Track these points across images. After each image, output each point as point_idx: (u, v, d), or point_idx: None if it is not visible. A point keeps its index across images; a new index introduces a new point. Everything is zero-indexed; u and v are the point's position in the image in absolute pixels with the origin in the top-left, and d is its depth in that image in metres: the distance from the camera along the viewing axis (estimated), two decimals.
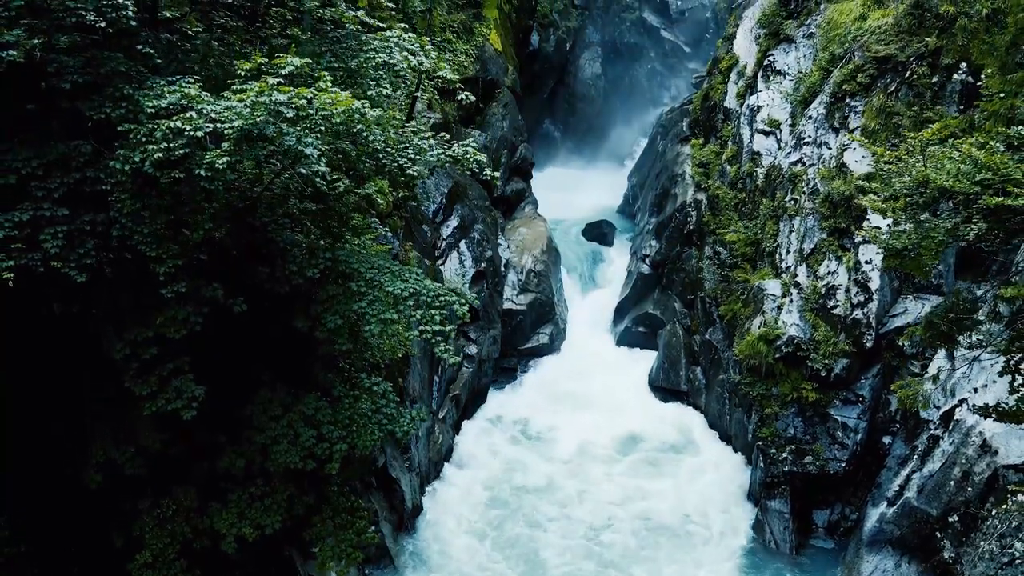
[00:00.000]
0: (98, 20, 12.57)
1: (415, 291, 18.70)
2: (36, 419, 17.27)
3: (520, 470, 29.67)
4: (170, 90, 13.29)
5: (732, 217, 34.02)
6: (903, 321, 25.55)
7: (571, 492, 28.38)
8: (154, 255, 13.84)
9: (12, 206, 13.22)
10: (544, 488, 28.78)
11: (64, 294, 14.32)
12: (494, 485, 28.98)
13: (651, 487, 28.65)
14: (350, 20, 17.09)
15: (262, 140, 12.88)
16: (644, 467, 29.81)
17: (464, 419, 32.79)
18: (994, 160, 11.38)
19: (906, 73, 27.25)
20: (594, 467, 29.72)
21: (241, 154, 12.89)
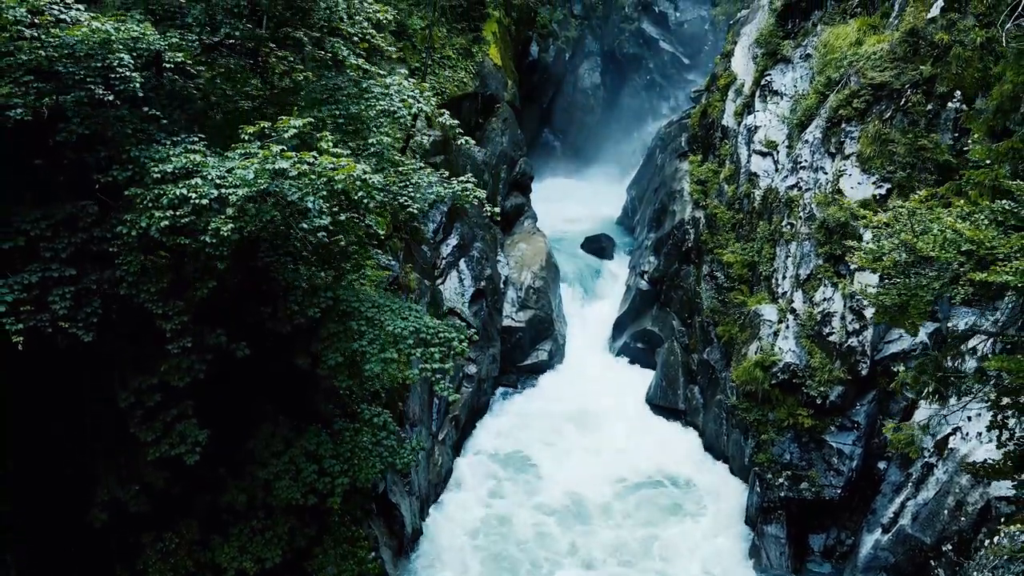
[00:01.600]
0: (106, 94, 12.82)
1: (415, 329, 18.95)
2: (41, 459, 17.53)
3: (516, 501, 29.72)
4: (175, 153, 13.56)
5: (729, 238, 34.31)
6: (898, 348, 25.79)
7: (564, 541, 28.21)
8: (160, 312, 14.12)
9: (22, 267, 13.49)
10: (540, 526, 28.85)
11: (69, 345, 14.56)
12: (493, 508, 29.19)
13: (649, 535, 28.50)
14: (351, 67, 17.32)
15: (266, 197, 13.13)
16: (641, 511, 29.52)
17: (464, 439, 33.06)
18: (978, 236, 11.65)
19: (901, 100, 27.46)
20: (591, 509, 29.47)
21: (245, 220, 13.13)
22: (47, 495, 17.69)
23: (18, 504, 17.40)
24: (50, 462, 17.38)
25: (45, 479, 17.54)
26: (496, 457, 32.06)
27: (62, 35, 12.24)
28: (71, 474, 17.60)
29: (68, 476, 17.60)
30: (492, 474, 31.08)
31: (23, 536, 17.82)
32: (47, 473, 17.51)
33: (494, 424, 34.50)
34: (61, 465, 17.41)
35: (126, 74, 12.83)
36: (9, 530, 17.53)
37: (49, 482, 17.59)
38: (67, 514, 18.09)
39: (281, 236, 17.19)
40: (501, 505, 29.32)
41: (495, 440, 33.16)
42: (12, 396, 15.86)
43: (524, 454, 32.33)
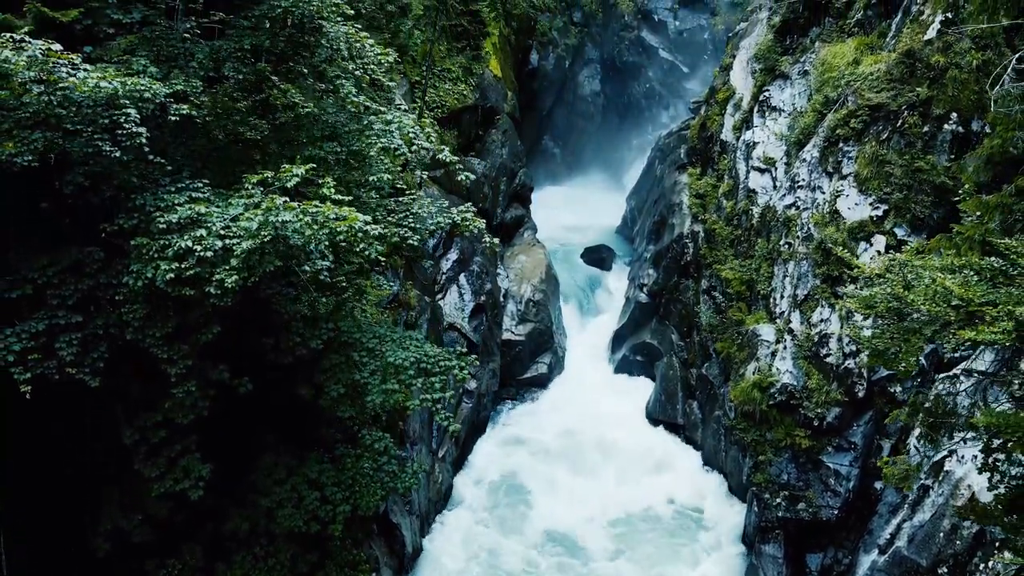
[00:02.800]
0: (113, 150, 13.03)
1: (416, 359, 19.19)
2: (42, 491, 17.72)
3: (512, 527, 29.80)
4: (180, 201, 13.77)
5: (728, 254, 34.49)
6: None
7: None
8: (165, 357, 14.33)
9: (29, 314, 13.70)
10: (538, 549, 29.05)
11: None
12: (492, 527, 29.39)
13: (645, 556, 28.62)
14: (354, 105, 17.51)
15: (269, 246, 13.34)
16: (638, 534, 29.64)
17: (464, 456, 33.25)
18: (967, 294, 11.85)
19: (898, 122, 27.63)
20: (587, 540, 29.38)
21: (249, 270, 13.34)
22: (48, 526, 17.88)
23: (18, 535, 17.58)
24: (52, 493, 17.56)
25: (46, 510, 17.72)
26: (494, 484, 32.04)
27: (70, 92, 12.43)
28: (73, 505, 17.78)
29: (70, 506, 17.78)
30: (490, 499, 31.14)
31: (24, 567, 18.02)
32: (48, 504, 17.69)
33: (494, 441, 34.68)
34: (63, 496, 17.58)
35: (132, 130, 13.04)
36: (10, 558, 17.75)
37: (50, 513, 17.77)
38: (69, 544, 18.28)
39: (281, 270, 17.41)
40: (494, 536, 29.35)
41: (494, 459, 33.28)
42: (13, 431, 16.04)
43: (521, 481, 32.11)
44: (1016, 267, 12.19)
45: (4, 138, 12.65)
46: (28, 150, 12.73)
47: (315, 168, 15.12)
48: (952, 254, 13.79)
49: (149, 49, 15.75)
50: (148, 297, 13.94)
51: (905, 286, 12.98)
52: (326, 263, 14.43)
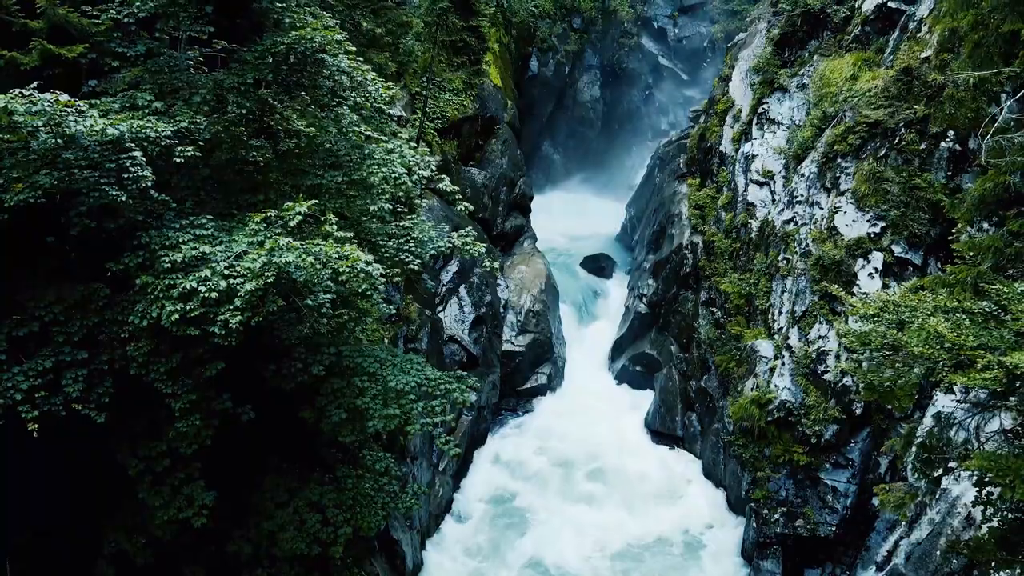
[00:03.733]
0: (120, 194, 13.21)
1: (417, 383, 19.32)
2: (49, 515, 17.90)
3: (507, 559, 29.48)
4: (184, 240, 13.95)
5: (727, 266, 34.68)
6: None
7: None
8: (169, 392, 14.51)
9: (35, 350, 13.88)
10: None
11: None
12: (493, 539, 29.58)
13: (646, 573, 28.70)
14: (355, 134, 17.70)
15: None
16: (637, 549, 29.71)
17: (464, 468, 33.40)
18: (959, 340, 12.03)
19: (895, 139, 27.82)
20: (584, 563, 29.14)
21: (253, 310, 13.53)
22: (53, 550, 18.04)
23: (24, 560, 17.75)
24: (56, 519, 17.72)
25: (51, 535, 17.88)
26: (494, 497, 32.12)
27: (77, 137, 12.60)
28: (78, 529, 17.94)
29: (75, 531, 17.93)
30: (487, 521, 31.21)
31: None
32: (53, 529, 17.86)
33: (493, 454, 34.77)
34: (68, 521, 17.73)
35: (138, 173, 13.22)
36: None
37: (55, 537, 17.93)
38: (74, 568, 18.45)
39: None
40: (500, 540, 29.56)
41: (493, 476, 33.33)
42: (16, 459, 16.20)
43: (518, 503, 31.92)
44: (1007, 312, 12.38)
45: (12, 180, 12.82)
46: (36, 193, 12.91)
47: (317, 203, 15.28)
48: (945, 294, 13.97)
49: (153, 82, 15.93)
50: (153, 333, 14.11)
51: (899, 324, 13.16)
52: (328, 297, 14.59)
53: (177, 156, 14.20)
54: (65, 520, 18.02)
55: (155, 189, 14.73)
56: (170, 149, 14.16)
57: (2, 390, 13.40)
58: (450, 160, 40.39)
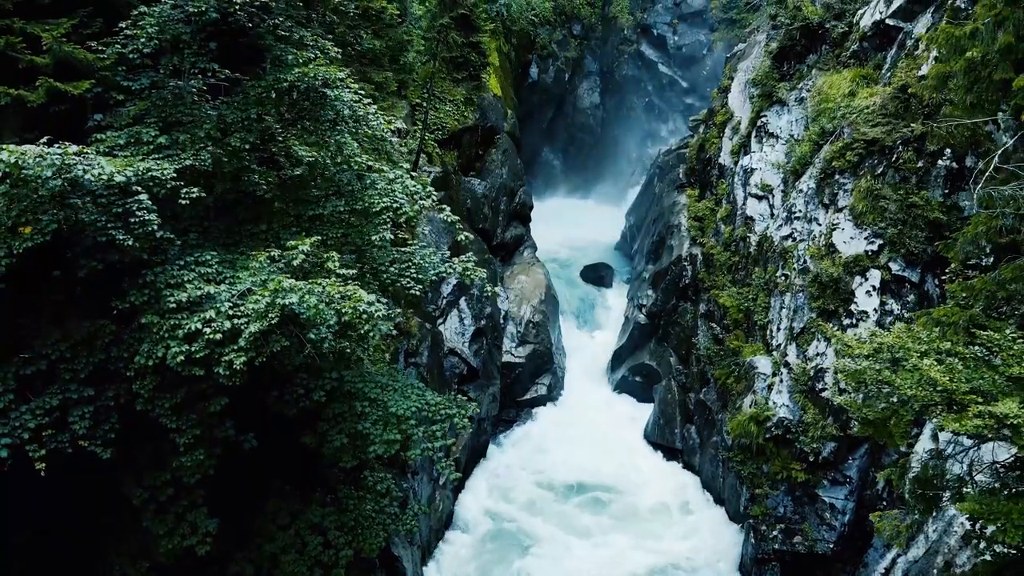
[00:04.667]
0: (127, 238, 13.40)
1: (418, 408, 19.50)
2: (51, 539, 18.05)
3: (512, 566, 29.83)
4: (190, 278, 14.14)
5: (726, 280, 34.88)
6: None
7: None
8: (174, 427, 14.71)
9: (42, 388, 14.07)
10: None
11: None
12: (493, 558, 29.75)
13: None
14: (359, 166, 17.89)
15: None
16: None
17: (464, 480, 33.58)
18: (951, 386, 12.23)
19: (893, 156, 27.98)
20: None
21: (257, 351, 13.72)
22: None
23: None
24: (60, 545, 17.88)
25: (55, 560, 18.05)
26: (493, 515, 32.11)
27: (84, 184, 12.78)
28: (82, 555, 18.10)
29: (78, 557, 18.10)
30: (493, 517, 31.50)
31: None
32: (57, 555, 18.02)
33: (493, 468, 34.87)
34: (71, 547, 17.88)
35: (144, 218, 13.41)
36: None
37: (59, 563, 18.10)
38: None
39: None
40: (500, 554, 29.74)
41: (493, 489, 33.47)
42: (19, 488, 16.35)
43: (518, 522, 31.81)
44: (999, 358, 12.57)
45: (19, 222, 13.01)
46: (44, 234, 13.11)
47: (320, 238, 15.47)
48: (938, 333, 14.16)
49: (158, 116, 16.10)
50: (158, 370, 14.30)
51: (892, 362, 13.35)
52: (331, 331, 14.79)
53: (183, 198, 14.38)
54: (69, 548, 18.17)
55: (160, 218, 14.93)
56: (176, 191, 14.33)
57: (10, 429, 13.60)
58: (450, 171, 40.58)
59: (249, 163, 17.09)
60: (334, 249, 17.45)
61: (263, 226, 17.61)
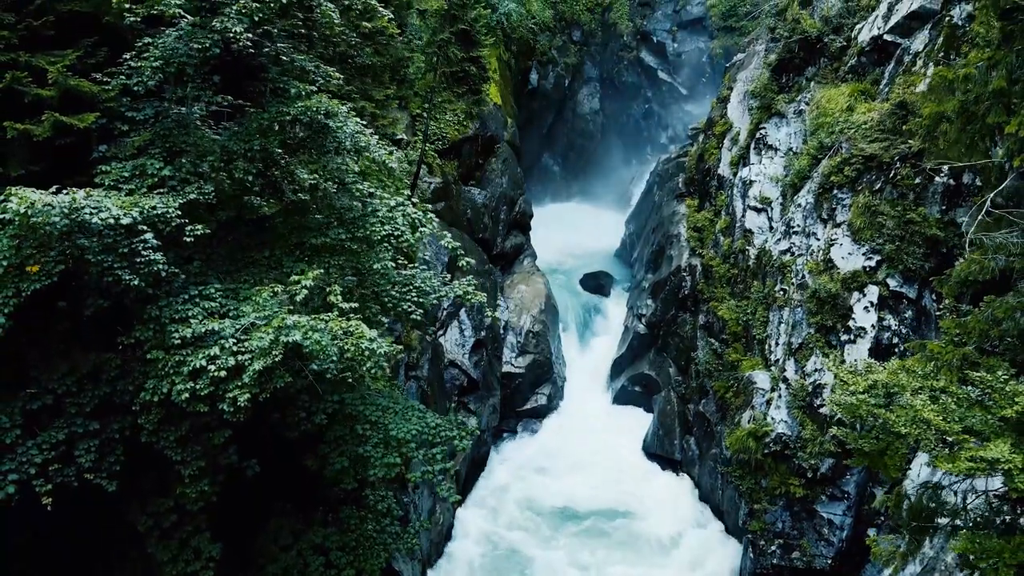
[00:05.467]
0: (132, 278, 13.58)
1: (418, 431, 19.68)
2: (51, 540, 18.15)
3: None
4: (194, 312, 14.33)
5: (725, 292, 35.07)
6: None
7: None
8: (179, 459, 14.89)
9: (48, 422, 14.25)
10: None
11: None
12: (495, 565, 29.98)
13: None
14: (360, 193, 18.08)
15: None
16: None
17: (465, 492, 33.75)
18: (944, 427, 12.42)
19: (890, 172, 28.14)
20: None
21: (261, 388, 13.91)
22: None
23: None
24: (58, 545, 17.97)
25: None
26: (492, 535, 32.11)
27: (91, 223, 12.95)
28: None
29: None
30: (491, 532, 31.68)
31: None
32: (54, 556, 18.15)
33: (493, 482, 34.91)
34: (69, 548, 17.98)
35: (150, 257, 13.60)
36: None
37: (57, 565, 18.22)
38: None
39: None
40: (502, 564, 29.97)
41: (492, 503, 33.62)
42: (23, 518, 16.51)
43: (516, 541, 31.89)
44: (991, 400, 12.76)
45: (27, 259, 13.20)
46: (51, 276, 13.31)
47: (323, 272, 15.64)
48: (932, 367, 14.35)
49: (162, 146, 16.27)
50: (163, 404, 14.48)
51: (887, 396, 13.54)
52: (333, 363, 14.97)
53: (188, 236, 14.56)
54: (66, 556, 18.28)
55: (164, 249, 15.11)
56: (181, 228, 14.51)
57: (17, 465, 13.79)
58: (450, 181, 40.76)
59: (251, 186, 17.23)
60: (336, 275, 17.67)
61: (265, 252, 17.79)
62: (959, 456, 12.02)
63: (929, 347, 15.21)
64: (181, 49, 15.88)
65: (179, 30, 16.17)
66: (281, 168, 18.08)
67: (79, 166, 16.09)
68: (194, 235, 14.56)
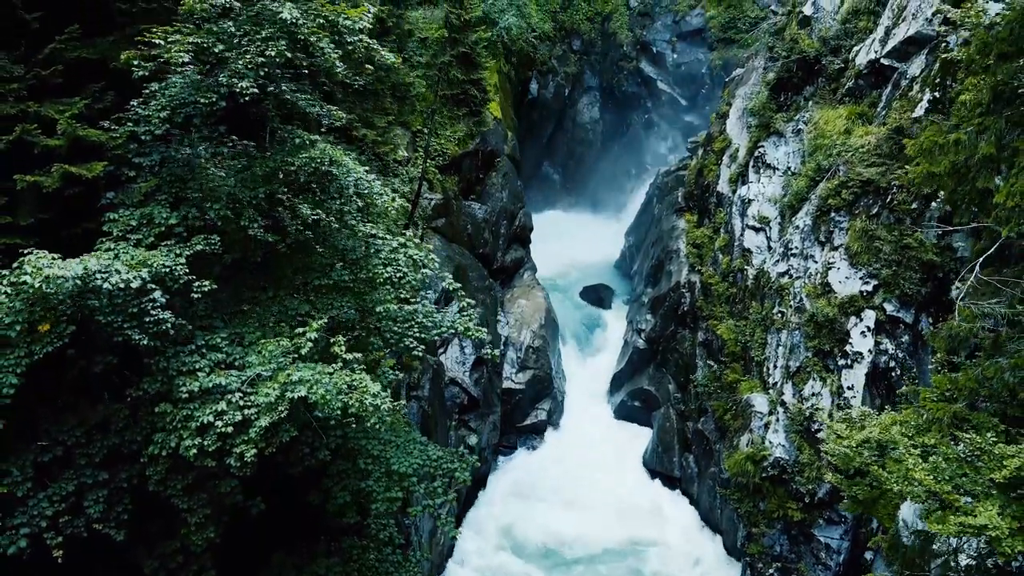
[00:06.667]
0: (142, 338, 13.86)
1: (420, 464, 19.96)
2: None
3: None
4: (201, 365, 14.60)
5: (724, 310, 35.34)
6: None
7: None
8: (186, 507, 15.17)
9: (59, 473, 14.53)
10: None
11: None
12: None
13: None
14: (363, 234, 18.35)
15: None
16: None
17: (465, 510, 34.04)
18: (937, 487, 12.70)
19: (887, 198, 28.40)
20: None
21: (267, 442, 14.20)
22: None
23: None
24: None
25: None
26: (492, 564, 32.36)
27: (103, 288, 13.22)
28: None
29: None
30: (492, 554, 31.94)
31: None
32: None
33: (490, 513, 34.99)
34: None
35: (159, 316, 13.88)
36: None
37: None
38: None
39: None
40: None
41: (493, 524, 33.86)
42: None
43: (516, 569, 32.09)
44: (980, 461, 13.04)
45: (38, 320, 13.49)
46: (62, 337, 13.60)
47: (326, 322, 15.90)
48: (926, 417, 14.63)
49: (168, 191, 16.54)
50: (170, 456, 14.77)
51: (880, 449, 13.83)
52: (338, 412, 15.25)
53: (195, 292, 14.83)
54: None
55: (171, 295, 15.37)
56: (188, 285, 14.79)
57: (29, 518, 14.07)
58: (451, 197, 41.01)
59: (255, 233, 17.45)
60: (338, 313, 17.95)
61: (269, 292, 18.03)
62: (948, 519, 12.30)
63: (922, 396, 15.46)
64: (188, 99, 16.14)
65: (185, 78, 16.42)
66: (285, 206, 18.34)
67: (87, 213, 16.35)
68: (201, 291, 14.81)
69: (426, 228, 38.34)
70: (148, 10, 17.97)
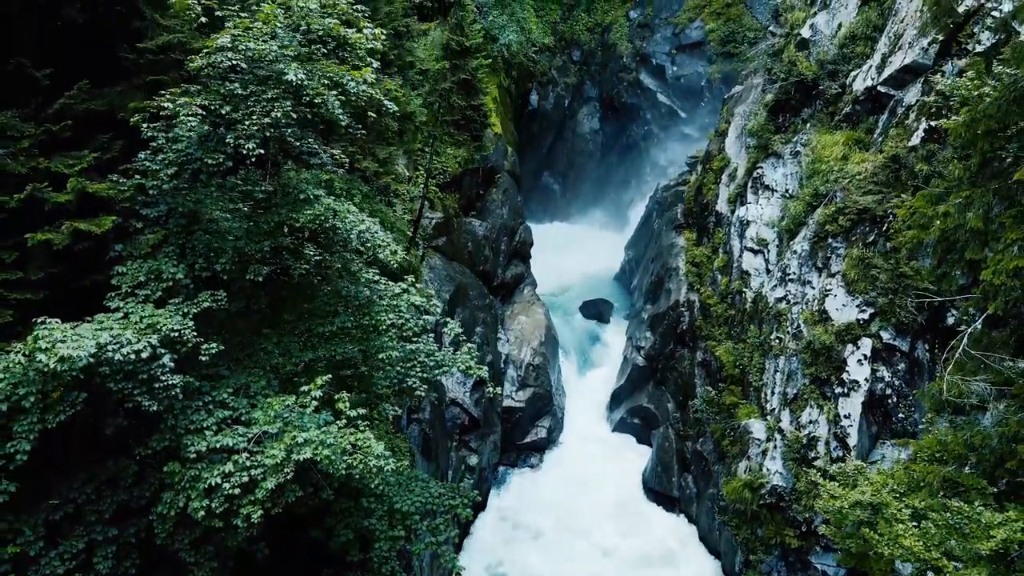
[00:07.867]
0: (152, 404, 14.19)
1: (422, 502, 20.30)
2: None
3: None
4: (208, 424, 14.93)
5: (722, 332, 35.66)
6: (883, 467, 27.10)
7: None
8: (192, 560, 15.50)
9: (70, 530, 14.86)
10: None
11: None
12: None
13: None
14: (366, 280, 18.67)
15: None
16: None
17: (466, 532, 34.36)
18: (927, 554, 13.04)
19: (883, 226, 28.67)
20: None
21: (274, 503, 14.53)
22: None
23: None
24: None
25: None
26: None
27: (114, 360, 13.54)
28: None
29: None
30: None
31: None
32: None
33: (492, 526, 35.41)
34: None
35: (168, 382, 14.20)
36: None
37: None
38: None
39: None
40: None
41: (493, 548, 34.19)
42: None
43: None
44: (968, 528, 13.36)
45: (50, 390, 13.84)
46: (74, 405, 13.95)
47: (330, 378, 16.21)
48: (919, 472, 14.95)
49: (175, 243, 16.85)
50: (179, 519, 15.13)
51: (872, 510, 14.16)
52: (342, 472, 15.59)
53: (203, 354, 15.15)
54: None
55: None
56: (197, 347, 15.11)
57: None
58: (451, 215, 41.34)
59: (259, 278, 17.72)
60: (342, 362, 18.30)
61: (274, 339, 18.34)
62: None
63: (912, 449, 15.77)
64: (194, 154, 16.45)
65: (192, 131, 16.69)
66: (289, 250, 18.65)
67: (96, 266, 16.65)
68: (209, 354, 15.12)
69: (427, 248, 38.68)
70: (155, 61, 18.23)
